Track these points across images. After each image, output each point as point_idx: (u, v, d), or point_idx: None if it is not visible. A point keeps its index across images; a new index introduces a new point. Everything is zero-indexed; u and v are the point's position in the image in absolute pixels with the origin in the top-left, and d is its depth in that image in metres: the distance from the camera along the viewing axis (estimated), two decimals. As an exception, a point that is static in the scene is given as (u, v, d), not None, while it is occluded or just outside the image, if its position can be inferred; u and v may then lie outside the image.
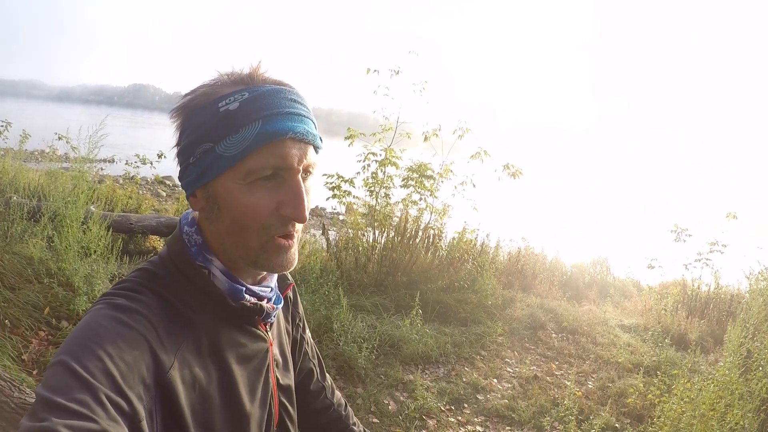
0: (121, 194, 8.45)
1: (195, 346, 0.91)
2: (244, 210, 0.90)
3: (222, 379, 0.95)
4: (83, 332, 0.79)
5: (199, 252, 0.97)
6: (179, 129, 0.95)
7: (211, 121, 0.89)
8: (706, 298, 7.74)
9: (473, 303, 6.60)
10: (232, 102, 0.89)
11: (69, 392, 0.69)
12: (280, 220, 0.92)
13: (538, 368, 5.38)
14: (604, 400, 4.77)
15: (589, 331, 6.53)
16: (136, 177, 12.38)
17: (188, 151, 0.92)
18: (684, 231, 8.55)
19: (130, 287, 0.90)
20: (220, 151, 0.88)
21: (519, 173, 7.60)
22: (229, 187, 0.90)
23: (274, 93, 0.92)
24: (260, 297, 1.04)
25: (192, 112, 0.92)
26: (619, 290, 9.79)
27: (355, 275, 6.68)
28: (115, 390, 0.73)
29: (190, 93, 0.94)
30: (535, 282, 8.59)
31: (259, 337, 1.05)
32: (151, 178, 15.12)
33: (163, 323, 0.87)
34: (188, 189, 0.95)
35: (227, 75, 0.94)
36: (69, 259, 4.59)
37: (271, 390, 1.09)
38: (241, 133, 0.87)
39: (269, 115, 0.89)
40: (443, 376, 4.88)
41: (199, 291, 0.95)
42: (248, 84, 0.92)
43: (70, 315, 4.17)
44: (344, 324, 4.94)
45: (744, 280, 7.17)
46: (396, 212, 7.50)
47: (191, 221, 1.01)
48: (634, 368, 5.44)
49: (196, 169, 0.92)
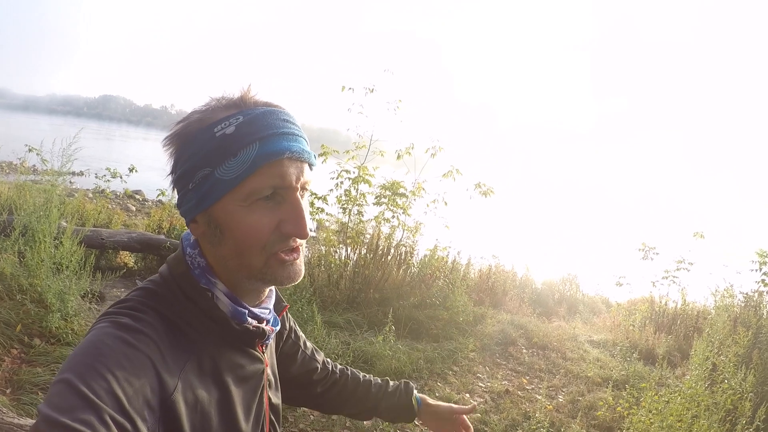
0: (92, 208, 8.30)
1: (197, 367, 0.92)
2: (246, 231, 0.91)
3: (221, 401, 0.96)
4: (88, 351, 0.79)
5: (203, 274, 0.97)
6: (174, 156, 0.95)
7: (208, 146, 0.89)
8: (673, 314, 7.88)
9: (445, 319, 6.61)
10: (227, 126, 0.89)
11: (73, 412, 0.69)
12: (281, 237, 0.93)
13: (509, 383, 5.40)
14: (574, 413, 4.81)
15: (559, 346, 6.60)
16: (106, 191, 12.20)
17: (186, 178, 0.92)
18: (651, 249, 8.72)
19: (134, 306, 0.90)
20: (220, 175, 0.89)
21: (490, 192, 7.67)
22: (230, 209, 0.91)
23: (268, 114, 0.93)
24: (260, 319, 1.05)
25: (187, 138, 0.92)
26: (588, 307, 9.91)
27: (327, 292, 6.66)
28: (119, 411, 0.73)
29: (183, 120, 0.94)
30: (506, 299, 8.66)
31: (256, 358, 1.07)
32: (121, 192, 14.90)
33: (167, 344, 0.87)
34: (188, 215, 0.95)
35: (218, 100, 0.94)
36: (41, 275, 4.46)
37: (264, 409, 1.11)
38: (240, 156, 0.88)
39: (265, 137, 0.90)
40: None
41: (203, 313, 0.96)
42: (241, 107, 0.93)
43: (42, 332, 4.06)
44: (318, 340, 4.91)
45: (710, 297, 7.31)
46: (368, 229, 7.50)
47: (194, 243, 1.01)
48: (604, 382, 5.51)
49: (195, 195, 0.92)
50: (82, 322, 4.38)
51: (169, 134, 0.95)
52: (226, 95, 0.95)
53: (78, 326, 4.26)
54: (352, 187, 7.03)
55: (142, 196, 16.23)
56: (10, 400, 3.21)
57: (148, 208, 12.76)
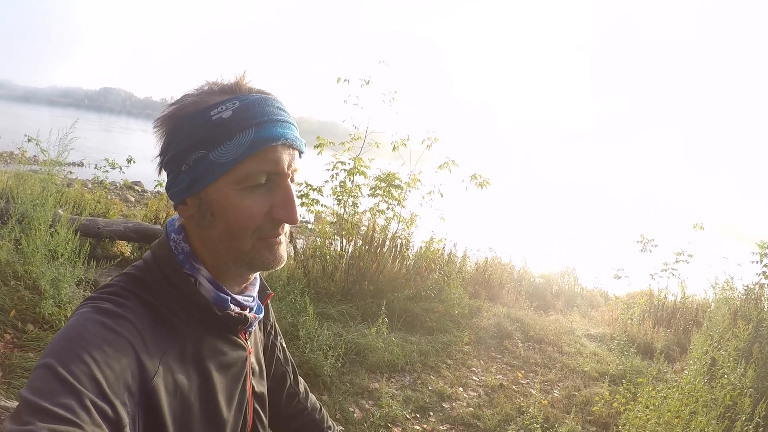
0: (90, 198, 8.31)
1: (179, 353, 0.92)
2: (239, 214, 0.92)
3: (202, 387, 0.96)
4: (69, 335, 0.79)
5: (187, 260, 0.98)
6: (166, 138, 0.95)
7: (204, 128, 0.90)
8: (672, 307, 7.81)
9: (440, 312, 6.55)
10: (224, 110, 0.90)
11: (54, 396, 0.69)
12: (272, 222, 0.95)
13: (504, 377, 5.33)
14: (569, 408, 4.73)
15: (555, 340, 6.53)
16: (105, 181, 12.22)
17: (179, 160, 0.93)
18: (650, 241, 8.64)
19: (116, 292, 0.90)
20: (215, 158, 0.89)
21: (486, 183, 7.62)
22: (224, 192, 0.92)
23: (263, 101, 0.94)
24: (243, 306, 1.05)
25: (181, 120, 0.92)
26: (586, 300, 9.83)
27: (322, 283, 6.60)
28: (100, 395, 0.73)
29: (177, 102, 0.95)
30: (502, 292, 8.59)
31: (239, 345, 1.06)
32: (120, 182, 14.95)
33: (148, 330, 0.87)
34: (178, 197, 0.95)
35: (212, 84, 0.95)
36: (36, 262, 4.53)
37: (247, 397, 1.10)
38: (236, 140, 0.89)
39: (261, 122, 0.91)
40: (409, 385, 4.81)
41: (185, 299, 0.96)
42: (236, 93, 0.94)
43: (36, 318, 4.08)
44: (310, 332, 4.85)
45: (710, 289, 7.25)
46: (364, 221, 7.48)
47: (178, 228, 1.01)
48: (600, 377, 5.44)
49: (188, 177, 0.92)
50: (76, 309, 4.37)
51: (160, 116, 0.96)
52: (220, 80, 0.96)
53: (71, 312, 4.23)
54: (347, 178, 7.02)
55: (141, 187, 16.24)
56: (1, 383, 3.25)
57: (147, 199, 12.79)
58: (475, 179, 7.59)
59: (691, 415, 3.59)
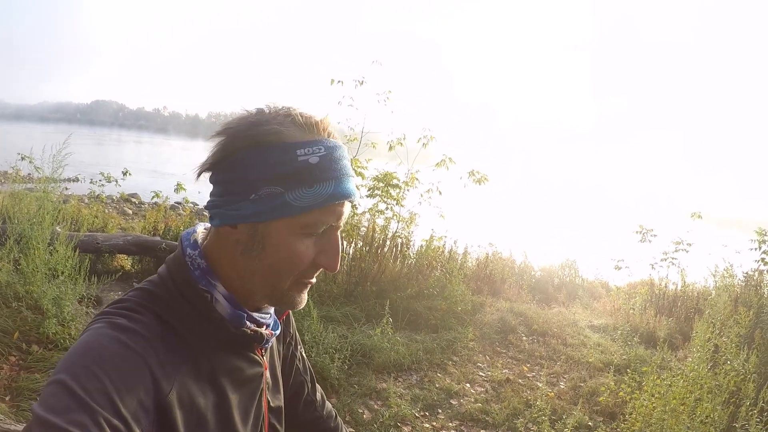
0: (87, 213, 8.24)
1: (193, 370, 0.91)
2: (291, 256, 0.91)
3: (218, 404, 0.95)
4: (83, 351, 0.78)
5: (203, 276, 0.95)
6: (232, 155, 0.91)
7: (288, 167, 0.88)
8: (673, 296, 7.85)
9: (443, 309, 6.57)
10: (311, 155, 0.89)
11: (67, 413, 0.68)
12: (313, 267, 0.95)
13: (509, 371, 5.37)
14: (576, 399, 4.77)
15: (559, 332, 6.56)
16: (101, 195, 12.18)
17: (249, 186, 0.89)
18: (649, 231, 8.68)
19: (131, 307, 0.89)
20: (290, 200, 0.88)
21: (484, 179, 7.65)
22: (284, 232, 0.90)
23: (342, 153, 0.94)
24: (260, 323, 1.03)
25: (262, 147, 0.89)
26: (587, 292, 9.86)
27: (324, 286, 6.61)
28: (113, 413, 0.72)
29: (256, 124, 0.91)
30: (504, 286, 8.61)
31: (255, 361, 1.05)
32: (116, 196, 14.87)
33: (163, 346, 0.86)
34: (231, 220, 0.92)
35: (296, 114, 0.92)
36: (37, 282, 4.48)
37: (263, 413, 1.10)
38: (315, 189, 0.88)
39: (340, 177, 0.91)
40: (416, 383, 4.84)
41: (200, 315, 0.94)
42: (319, 135, 0.92)
43: (39, 338, 4.05)
44: (315, 335, 4.87)
45: (710, 277, 7.29)
46: (363, 222, 7.50)
47: (193, 244, 0.99)
48: (605, 367, 5.47)
49: (254, 207, 0.89)
50: (80, 327, 4.35)
51: (232, 127, 0.92)
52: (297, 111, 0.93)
53: (75, 331, 4.25)
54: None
55: (138, 200, 16.22)
56: (10, 407, 3.23)
57: (145, 211, 12.77)
58: (473, 176, 7.62)
59: (697, 402, 3.62)
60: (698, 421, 3.50)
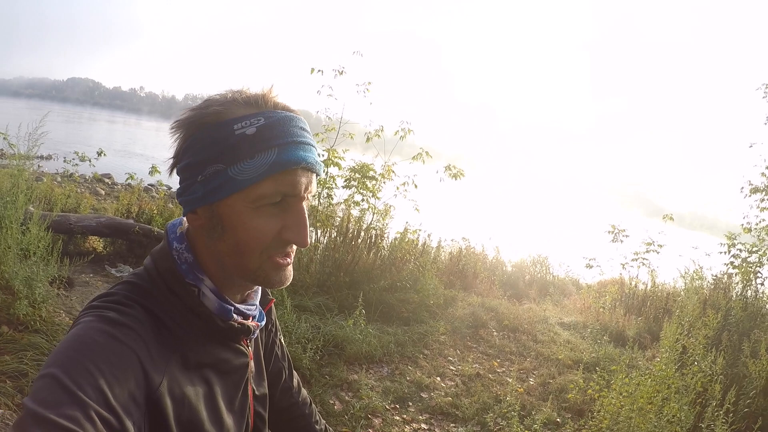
0: (60, 193, 8.12)
1: (182, 362, 0.92)
2: (249, 233, 0.92)
3: (206, 395, 0.96)
4: (74, 345, 0.78)
5: (190, 270, 0.97)
6: (184, 143, 0.94)
7: (226, 142, 0.89)
8: (643, 296, 7.96)
9: (415, 302, 6.58)
10: (248, 126, 0.89)
11: (59, 407, 0.68)
12: (280, 243, 0.95)
13: (480, 366, 5.38)
14: (545, 395, 4.80)
15: (529, 329, 6.61)
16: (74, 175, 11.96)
17: (195, 169, 0.91)
18: (621, 232, 8.78)
19: (120, 300, 0.89)
20: (233, 174, 0.88)
21: (461, 174, 7.67)
22: (237, 208, 0.91)
23: (288, 120, 0.93)
24: (246, 315, 1.05)
25: (202, 128, 0.91)
26: (558, 289, 9.96)
27: (297, 276, 6.56)
28: (105, 406, 0.72)
29: (199, 108, 0.93)
30: (476, 281, 8.65)
31: (240, 352, 1.07)
32: (89, 175, 14.65)
33: (152, 339, 0.87)
34: (189, 206, 0.94)
35: (238, 93, 0.94)
36: (8, 262, 4.36)
37: (249, 401, 1.11)
38: (257, 159, 0.88)
39: (284, 144, 0.90)
40: (387, 375, 4.83)
41: (188, 309, 0.95)
42: (262, 108, 0.93)
43: (10, 319, 3.94)
44: (288, 325, 4.86)
45: (680, 279, 7.39)
46: (338, 213, 7.48)
47: (180, 237, 1.00)
48: (574, 364, 5.52)
49: (203, 188, 0.91)
50: (51, 309, 4.30)
51: (181, 119, 0.94)
52: (246, 90, 0.95)
53: (46, 313, 4.16)
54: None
55: (111, 180, 16.00)
56: None
57: (117, 192, 12.59)
58: (449, 170, 7.63)
59: (664, 402, 3.66)
60: (665, 421, 3.54)
